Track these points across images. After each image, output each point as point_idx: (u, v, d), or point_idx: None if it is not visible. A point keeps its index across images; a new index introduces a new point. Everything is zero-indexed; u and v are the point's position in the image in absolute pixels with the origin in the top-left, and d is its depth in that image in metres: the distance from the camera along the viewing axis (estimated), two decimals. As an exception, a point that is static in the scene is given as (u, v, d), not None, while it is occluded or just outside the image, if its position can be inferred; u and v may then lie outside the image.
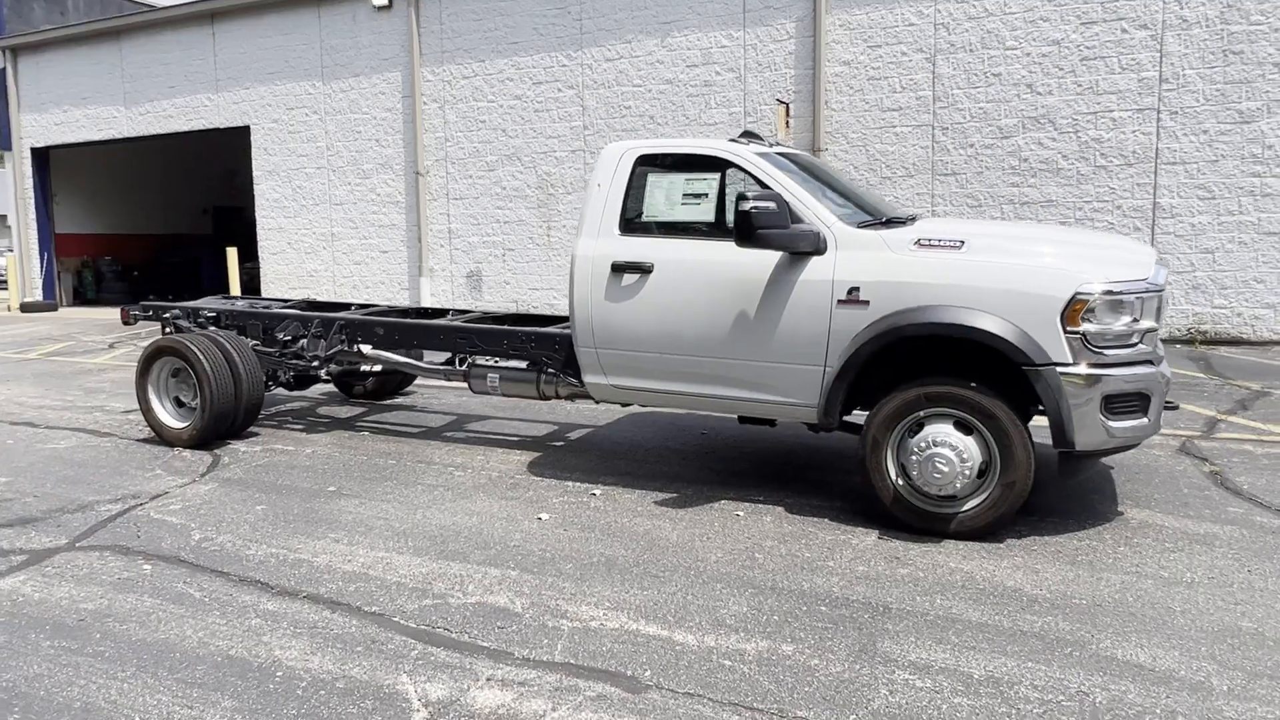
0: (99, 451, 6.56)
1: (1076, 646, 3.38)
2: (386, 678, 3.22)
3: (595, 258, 5.28)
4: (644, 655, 3.37)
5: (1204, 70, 10.25)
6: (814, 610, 3.74)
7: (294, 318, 7.00)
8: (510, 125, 13.97)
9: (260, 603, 3.88)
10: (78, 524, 4.95)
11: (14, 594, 4.01)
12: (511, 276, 14.27)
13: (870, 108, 11.82)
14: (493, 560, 4.34)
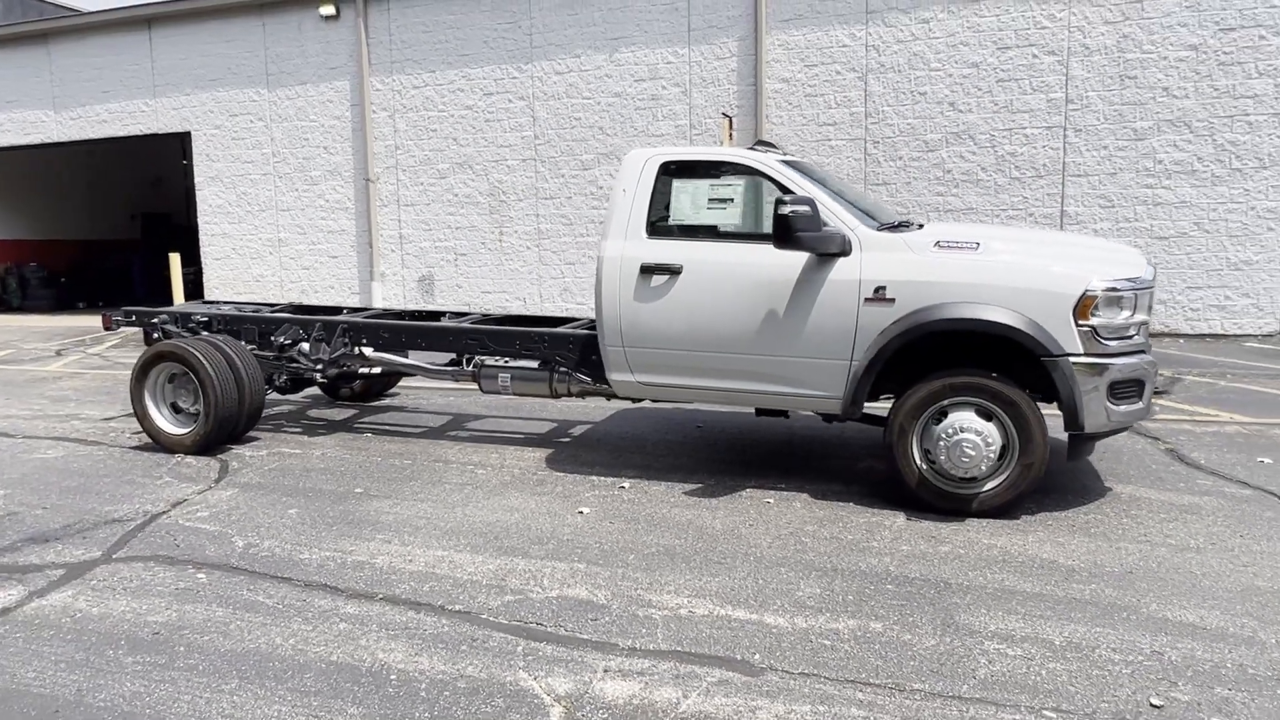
0: (94, 460, 6.04)
1: (1129, 611, 3.49)
2: (505, 675, 3.05)
3: (624, 259, 5.17)
4: (745, 639, 3.31)
5: (1104, 93, 10.84)
6: (881, 589, 3.75)
7: (293, 321, 6.62)
8: (461, 134, 13.61)
9: (339, 606, 3.64)
10: (105, 535, 4.54)
11: (69, 609, 3.64)
12: (464, 280, 13.90)
13: (808, 122, 12.02)
14: (554, 554, 4.19)
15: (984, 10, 11.12)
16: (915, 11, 11.38)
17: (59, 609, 3.65)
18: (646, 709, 2.83)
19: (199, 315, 6.87)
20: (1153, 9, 10.54)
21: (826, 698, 2.88)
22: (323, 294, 14.62)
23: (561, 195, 13.22)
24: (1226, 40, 10.34)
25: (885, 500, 4.92)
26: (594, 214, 13.06)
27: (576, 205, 13.15)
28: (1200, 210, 10.63)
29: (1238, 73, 10.36)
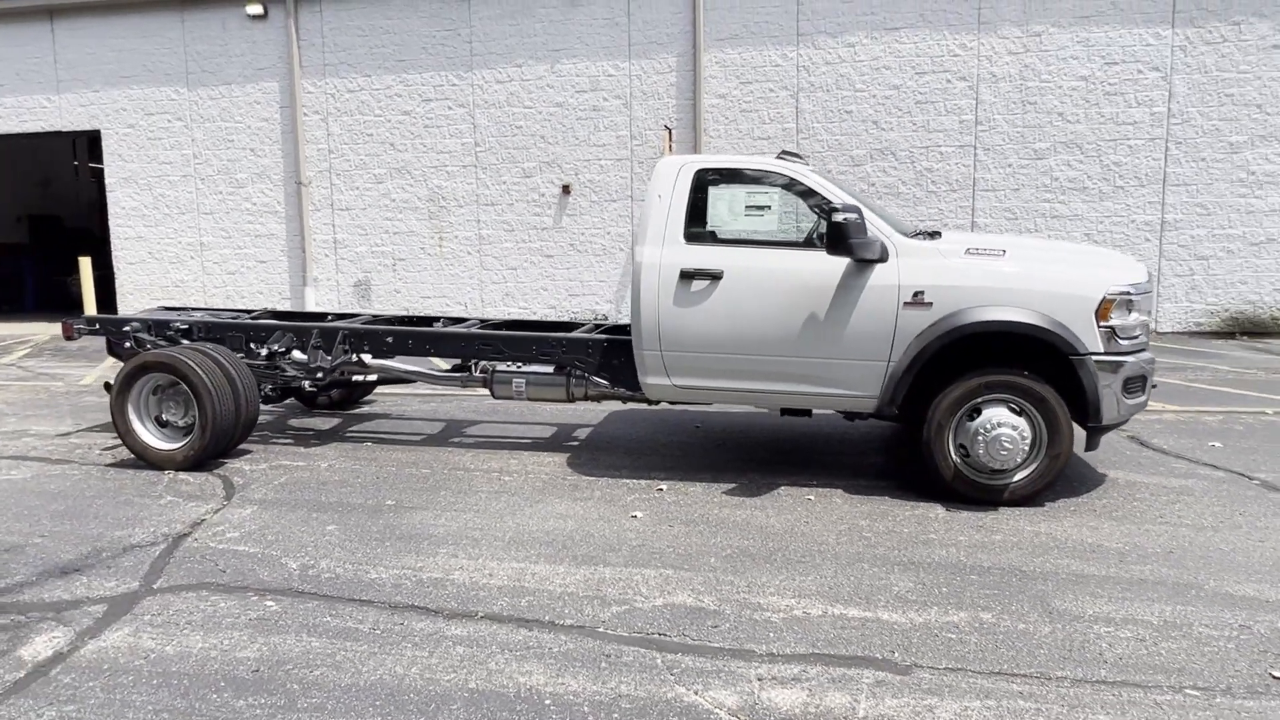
0: (72, 481, 5.29)
1: (1193, 588, 3.60)
2: (663, 691, 2.82)
3: (663, 265, 4.96)
4: (873, 638, 3.19)
5: (1008, 116, 11.43)
6: (967, 580, 3.72)
7: (286, 328, 6.03)
8: (399, 140, 12.91)
9: (442, 628, 3.28)
10: (131, 563, 3.95)
11: (137, 650, 3.12)
12: (402, 285, 13.20)
13: (743, 136, 12.09)
14: (633, 561, 3.95)
15: (903, 38, 11.51)
16: (842, 36, 11.65)
17: (125, 650, 3.12)
18: (825, 716, 2.67)
19: (177, 322, 6.15)
20: (1050, 43, 11.19)
21: (987, 691, 2.81)
22: (250, 299, 13.55)
23: (503, 202, 12.77)
24: (1111, 73, 11.11)
25: (915, 492, 4.94)
26: (536, 220, 12.69)
27: (519, 212, 12.74)
28: (1090, 223, 11.38)
29: (1120, 101, 11.15)
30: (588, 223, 12.60)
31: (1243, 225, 11.10)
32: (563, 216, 12.65)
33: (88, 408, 7.52)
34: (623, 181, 12.41)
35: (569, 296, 12.79)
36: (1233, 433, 6.21)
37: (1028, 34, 11.23)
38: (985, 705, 2.72)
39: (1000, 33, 11.30)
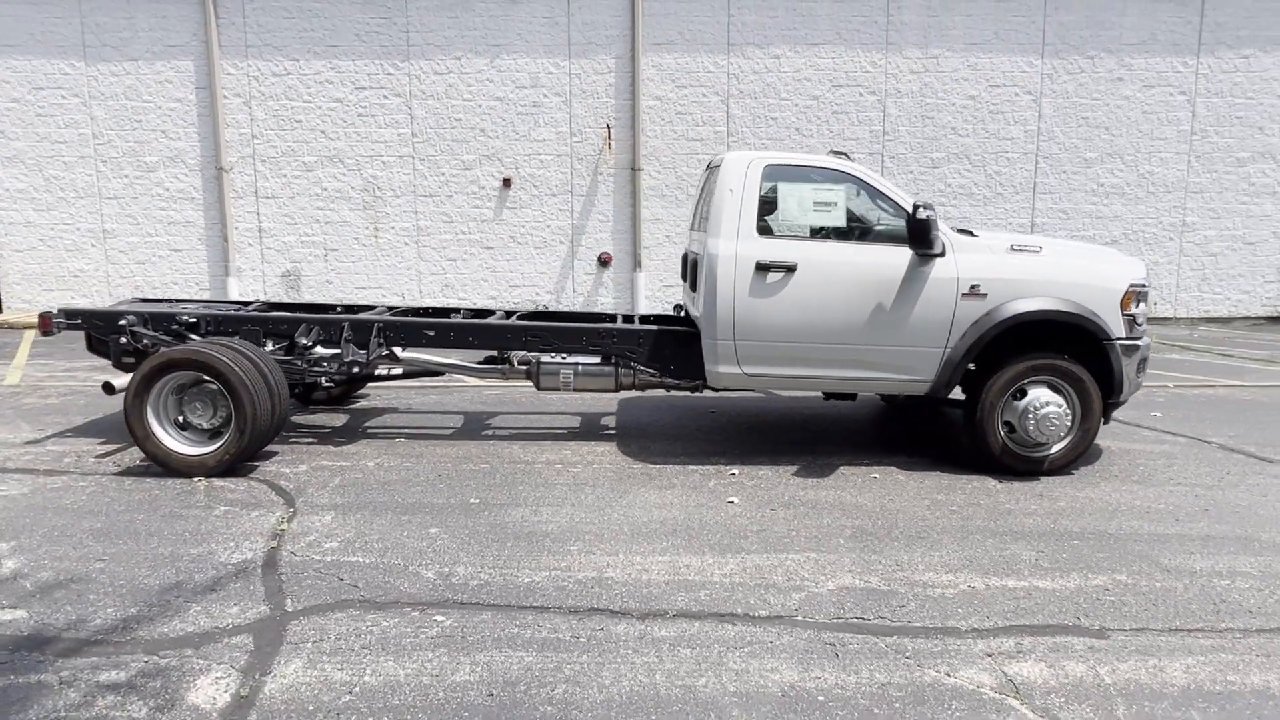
0: (87, 495, 4.37)
1: (1252, 540, 3.88)
2: (916, 675, 2.67)
3: (738, 258, 4.75)
4: (1049, 606, 3.19)
5: (910, 128, 11.98)
6: (1073, 545, 3.81)
7: (311, 321, 5.29)
8: (331, 127, 11.75)
9: (647, 630, 2.96)
10: (238, 585, 3.30)
11: (329, 683, 2.59)
12: (335, 276, 12.07)
13: (678, 137, 11.95)
14: (770, 547, 3.76)
15: (822, 54, 11.77)
16: (768, 48, 11.75)
17: (319, 686, 2.58)
18: (1079, 686, 2.62)
19: (185, 315, 5.24)
20: (944, 65, 11.82)
21: (1186, 648, 2.87)
22: (163, 290, 11.93)
23: (442, 194, 11.94)
24: (994, 94, 11.90)
25: (958, 466, 5.04)
26: (476, 212, 11.97)
27: (458, 204, 11.96)
28: (976, 224, 12.16)
29: (1001, 119, 11.98)
30: (528, 216, 12.04)
31: (1094, 229, 12.27)
32: (503, 209, 12.01)
33: (37, 410, 6.30)
34: (563, 177, 11.95)
35: (509, 288, 12.19)
36: (1160, 404, 6.81)
37: (927, 55, 11.81)
38: (1198, 661, 2.78)
39: (905, 53, 11.80)
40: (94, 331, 5.33)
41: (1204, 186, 12.25)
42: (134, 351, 5.27)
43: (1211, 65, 11.92)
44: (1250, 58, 11.91)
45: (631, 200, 11.98)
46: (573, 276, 12.20)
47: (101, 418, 6.07)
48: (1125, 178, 12.19)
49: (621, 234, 12.11)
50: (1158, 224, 12.29)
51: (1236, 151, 12.16)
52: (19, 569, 3.43)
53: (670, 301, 12.18)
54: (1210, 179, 12.23)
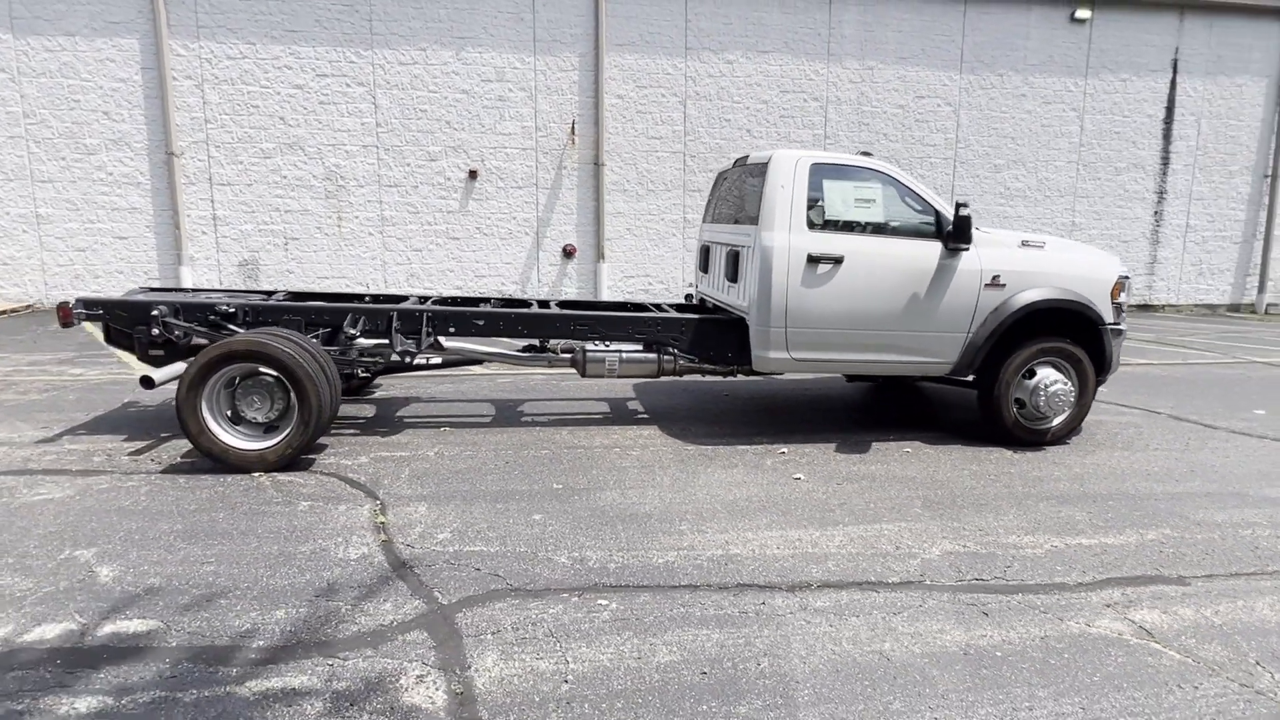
0: (145, 494, 3.91)
1: (1246, 495, 4.26)
2: (1064, 627, 2.80)
3: (791, 249, 4.78)
4: (1128, 560, 3.41)
5: (849, 133, 12.36)
6: (1109, 506, 4.07)
7: (358, 310, 4.92)
8: (291, 114, 10.89)
9: (806, 601, 2.95)
10: (373, 579, 3.05)
11: (542, 674, 2.45)
12: (296, 266, 11.25)
13: (639, 135, 11.84)
14: (860, 518, 3.83)
15: (771, 61, 11.95)
16: (723, 53, 11.81)
17: (528, 677, 2.42)
18: (1199, 628, 2.82)
19: (223, 305, 4.74)
20: (879, 76, 12.26)
21: (1257, 590, 3.13)
22: (107, 279, 10.76)
23: (407, 184, 11.34)
24: (920, 104, 12.46)
25: (969, 439, 5.28)
26: (442, 203, 11.45)
27: (424, 194, 11.40)
28: (904, 221, 12.71)
29: (925, 128, 12.55)
30: (494, 207, 11.63)
31: (1003, 229, 13.10)
32: (469, 201, 11.55)
33: (24, 408, 5.56)
34: (528, 170, 11.60)
35: (475, 278, 11.76)
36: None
37: (863, 66, 12.21)
38: (1274, 600, 3.05)
39: (844, 64, 12.16)
40: (116, 323, 4.74)
41: (1089, 191, 13.32)
42: (165, 344, 4.74)
43: (1096, 86, 12.94)
44: (1127, 80, 13.01)
45: (595, 194, 11.79)
46: (538, 267, 11.91)
47: (107, 413, 5.43)
48: (1027, 182, 13.08)
49: (585, 227, 11.91)
50: (1053, 224, 13.26)
51: (1115, 162, 13.28)
52: (119, 576, 3.04)
53: (630, 291, 12.12)
54: (1094, 185, 13.31)
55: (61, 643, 2.56)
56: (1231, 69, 13.29)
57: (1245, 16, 13.17)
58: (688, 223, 12.13)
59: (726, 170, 6.13)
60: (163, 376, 4.36)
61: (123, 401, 5.80)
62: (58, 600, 2.84)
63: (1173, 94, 13.21)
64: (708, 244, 6.11)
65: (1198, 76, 13.21)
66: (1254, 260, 14.10)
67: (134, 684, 2.34)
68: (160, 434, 4.97)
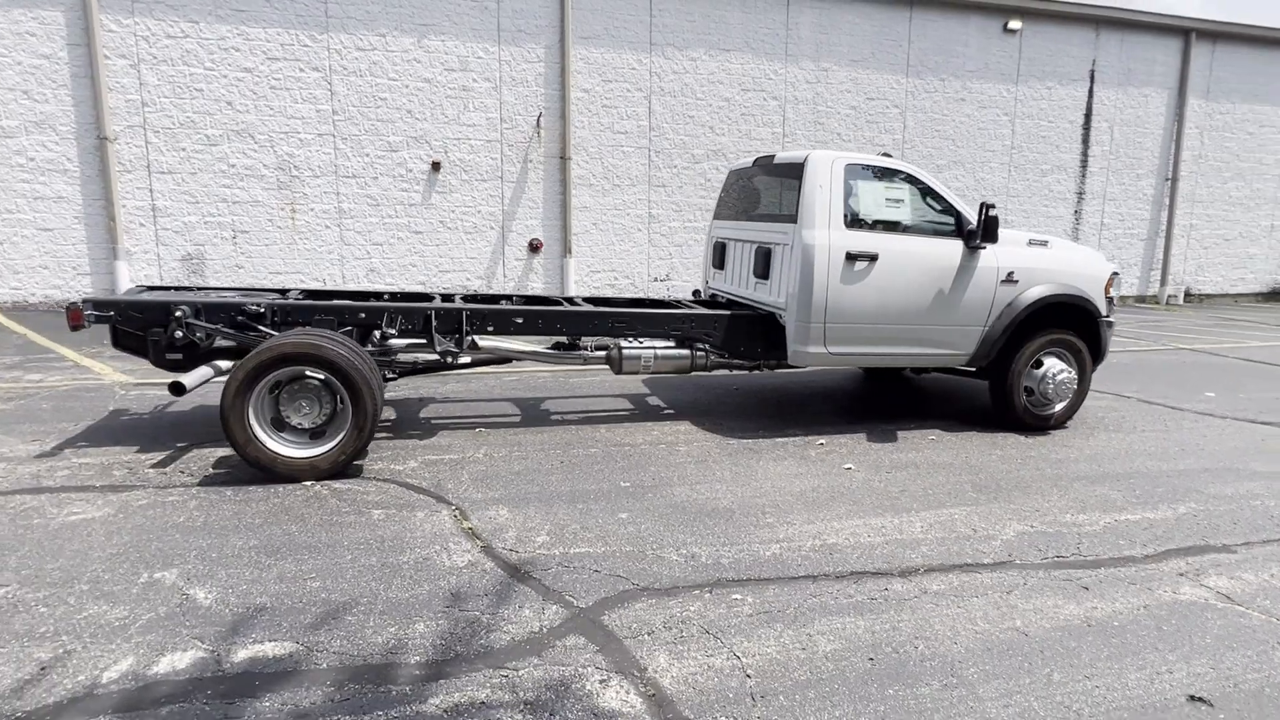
0: (196, 509, 3.64)
1: (1233, 470, 4.73)
2: (1160, 594, 3.06)
3: (832, 247, 4.92)
4: (1176, 532, 3.73)
5: (805, 131, 12.73)
6: (1132, 483, 4.44)
7: (394, 309, 4.72)
8: (239, 99, 10.20)
9: (927, 585, 3.10)
10: (503, 589, 2.98)
11: (735, 668, 2.47)
12: (246, 260, 10.57)
13: (604, 129, 11.78)
14: (926, 505, 4.02)
15: (733, 59, 12.13)
16: (686, 50, 11.90)
17: (709, 674, 2.45)
18: (1270, 589, 3.14)
19: (252, 305, 4.44)
20: (832, 78, 12.67)
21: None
22: (29, 275, 9.79)
23: (366, 175, 10.86)
24: (871, 105, 12.96)
25: (983, 426, 5.61)
26: (404, 196, 11.03)
27: (384, 186, 10.95)
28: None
29: (875, 128, 13.08)
30: (458, 200, 11.31)
31: (942, 224, 13.82)
32: (432, 193, 11.18)
33: (3, 418, 5.04)
34: (493, 163, 11.34)
35: (439, 273, 11.41)
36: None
37: (819, 68, 12.60)
38: (1311, 562, 3.43)
39: (800, 64, 12.50)
40: (129, 325, 4.36)
41: (1019, 191, 14.26)
42: (186, 346, 4.40)
43: (1026, 93, 13.85)
44: (1052, 88, 13.98)
45: (561, 188, 11.66)
46: (503, 262, 11.68)
47: (99, 423, 5.00)
48: (965, 182, 13.86)
49: (551, 221, 11.76)
50: (987, 221, 14.09)
51: (1041, 164, 14.26)
52: (221, 598, 2.84)
53: (596, 287, 12.08)
54: (1024, 185, 14.25)
55: (199, 672, 2.39)
56: (1139, 80, 14.52)
57: (1152, 33, 14.41)
58: (653, 218, 12.19)
59: (742, 168, 6.24)
60: (193, 382, 4.06)
61: (109, 409, 5.35)
62: (166, 628, 2.63)
63: (1090, 102, 14.31)
64: (723, 241, 6.20)
65: (1111, 86, 14.36)
66: (1157, 256, 15.48)
67: (310, 709, 2.21)
68: (175, 443, 4.62)
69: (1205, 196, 15.52)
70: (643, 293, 12.33)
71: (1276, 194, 16.03)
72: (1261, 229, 16.13)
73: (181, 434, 4.81)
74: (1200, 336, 10.63)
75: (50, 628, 2.61)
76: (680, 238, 12.38)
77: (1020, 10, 13.42)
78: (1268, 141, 15.72)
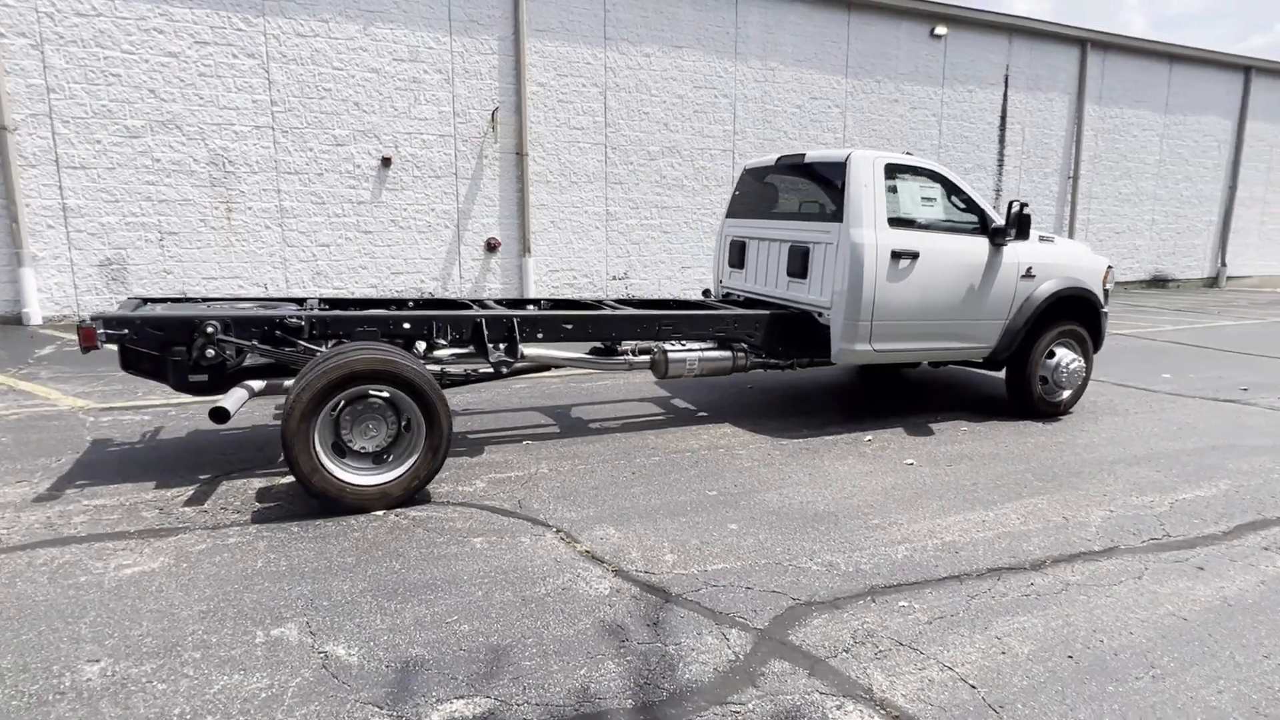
0: (269, 551, 3.22)
1: (1236, 447, 5.15)
2: (1268, 566, 3.24)
3: (878, 246, 4.96)
4: (1232, 509, 4.00)
5: (755, 129, 12.90)
6: (1164, 465, 4.73)
7: (440, 319, 4.35)
8: (163, 86, 9.18)
9: (1065, 577, 3.17)
10: (663, 616, 2.80)
11: (956, 678, 2.41)
12: (176, 265, 9.55)
13: (561, 125, 11.46)
14: (1005, 497, 4.13)
15: (685, 56, 12.11)
16: (640, 45, 11.76)
17: (935, 687, 2.39)
18: (1341, 558, 3.42)
19: (291, 318, 3.96)
20: (779, 77, 12.90)
21: (1337, 522, 3.85)
22: (-89, 286, 8.44)
23: (310, 171, 10.06)
24: (814, 105, 13.30)
25: (1000, 415, 5.85)
26: (351, 193, 10.31)
27: (330, 183, 10.19)
28: (688, 212, 13.53)
29: (819, 127, 13.44)
30: (410, 198, 10.70)
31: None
32: (383, 191, 10.51)
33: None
34: (447, 158, 10.80)
35: (391, 275, 10.75)
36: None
37: (766, 66, 12.79)
38: (1359, 528, 3.77)
39: (749, 63, 12.65)
40: (145, 344, 3.79)
41: (946, 189, 15.04)
42: (213, 367, 3.89)
43: (950, 95, 14.62)
44: (973, 91, 14.84)
45: (519, 185, 11.27)
46: (459, 262, 11.16)
47: (85, 458, 4.36)
48: (899, 180, 14.47)
49: (509, 219, 11.35)
50: (919, 217, 14.79)
51: (964, 163, 15.11)
52: (367, 653, 2.51)
53: (556, 287, 11.77)
54: (950, 183, 15.04)
55: (400, 743, 2.09)
56: (1046, 86, 15.67)
57: (1055, 42, 15.57)
58: (610, 215, 12.01)
59: (761, 166, 6.21)
60: (234, 406, 3.60)
61: (88, 440, 4.67)
62: (326, 695, 2.29)
63: (1005, 105, 15.30)
64: (741, 239, 6.16)
65: (1023, 91, 15.41)
66: (1061, 248, 16.78)
67: (557, 773, 1.98)
68: (193, 476, 4.08)
69: (1100, 193, 16.97)
70: (601, 291, 12.14)
71: (1155, 190, 17.75)
72: (1145, 222, 17.81)
73: (193, 465, 4.26)
74: (1120, 323, 11.59)
75: (186, 709, 2.22)
76: (638, 235, 12.27)
77: (944, 17, 14.16)
78: (1147, 143, 17.37)
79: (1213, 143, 18.16)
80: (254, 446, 4.62)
